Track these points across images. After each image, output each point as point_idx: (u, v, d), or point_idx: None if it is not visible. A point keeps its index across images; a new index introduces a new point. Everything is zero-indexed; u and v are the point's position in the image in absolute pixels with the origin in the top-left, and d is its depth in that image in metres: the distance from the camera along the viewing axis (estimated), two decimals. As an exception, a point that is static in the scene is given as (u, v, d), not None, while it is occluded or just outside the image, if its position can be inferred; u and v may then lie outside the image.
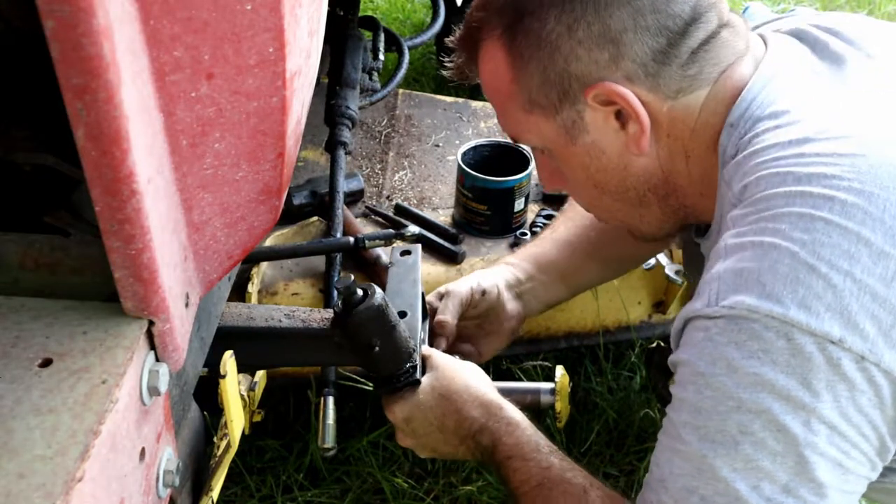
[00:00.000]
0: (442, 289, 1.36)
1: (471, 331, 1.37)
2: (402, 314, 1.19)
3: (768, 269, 0.79)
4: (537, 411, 1.59)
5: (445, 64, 1.09)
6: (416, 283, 1.27)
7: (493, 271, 1.40)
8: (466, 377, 1.15)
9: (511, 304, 1.37)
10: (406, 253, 1.34)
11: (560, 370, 1.29)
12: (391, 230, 1.59)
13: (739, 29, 0.97)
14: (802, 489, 0.80)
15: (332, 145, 1.67)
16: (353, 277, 1.03)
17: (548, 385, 1.28)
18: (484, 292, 1.34)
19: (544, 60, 0.95)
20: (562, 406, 1.26)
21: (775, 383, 0.78)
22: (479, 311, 1.35)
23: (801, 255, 0.78)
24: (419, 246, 1.37)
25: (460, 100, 2.27)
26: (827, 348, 0.77)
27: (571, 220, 1.45)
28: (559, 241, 1.42)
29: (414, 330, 1.18)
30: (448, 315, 1.30)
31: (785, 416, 0.79)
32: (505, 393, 1.26)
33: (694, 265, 1.29)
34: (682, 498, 0.84)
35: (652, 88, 0.93)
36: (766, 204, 0.83)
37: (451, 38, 1.07)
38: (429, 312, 1.33)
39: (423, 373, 1.17)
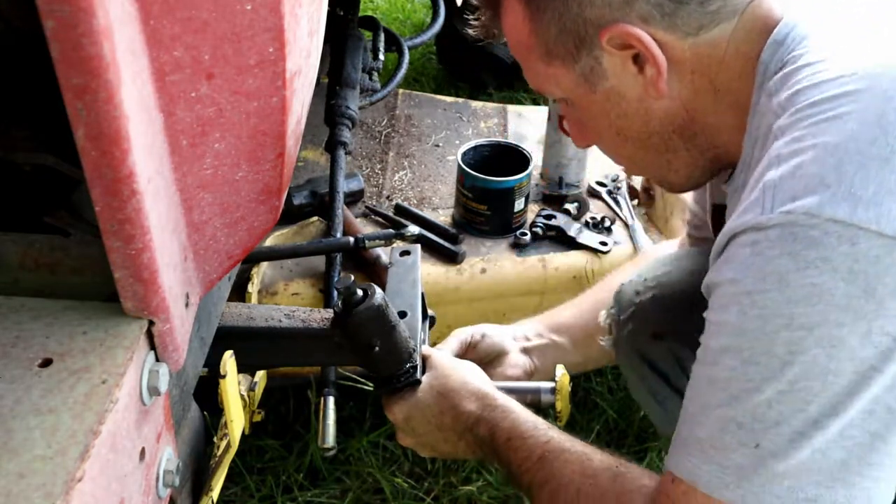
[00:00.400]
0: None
1: None
2: (402, 314, 1.19)
3: (833, 168, 0.72)
4: (538, 411, 1.59)
5: (470, 22, 1.06)
6: (416, 284, 1.27)
7: (504, 325, 1.38)
8: (463, 374, 1.15)
9: (515, 355, 1.36)
10: (405, 253, 1.34)
11: (560, 369, 1.29)
12: (391, 230, 1.59)
13: None
14: (852, 409, 0.73)
15: (332, 145, 1.68)
16: (352, 277, 1.03)
17: (548, 384, 1.28)
18: (483, 335, 1.33)
19: (559, 8, 0.93)
20: (562, 405, 1.26)
21: (834, 292, 0.72)
22: (479, 355, 1.34)
23: (871, 150, 0.71)
24: (418, 246, 1.37)
25: (460, 100, 2.28)
26: None
27: (598, 289, 1.43)
28: (579, 305, 1.40)
29: (414, 330, 1.18)
30: (446, 349, 1.30)
31: (841, 328, 0.72)
32: (505, 392, 1.26)
33: (630, 369, 1.28)
34: (717, 429, 0.79)
35: (669, 28, 0.90)
36: (827, 105, 0.76)
37: None
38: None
39: (424, 372, 1.17)
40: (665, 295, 1.24)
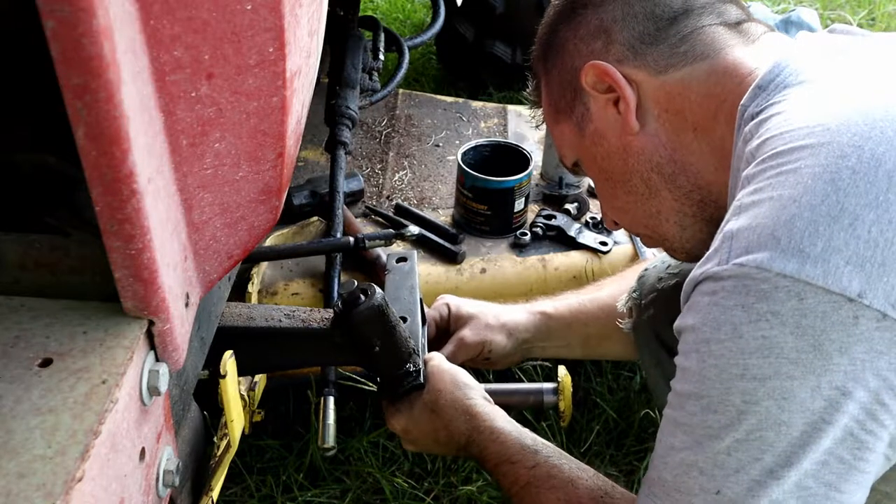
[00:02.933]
0: (464, 310, 1.36)
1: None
2: (403, 320, 1.19)
3: (785, 223, 0.74)
4: (540, 411, 1.58)
5: (529, 94, 1.17)
6: (414, 290, 1.27)
7: (514, 324, 1.38)
8: (453, 390, 1.16)
9: (513, 354, 1.38)
10: (402, 259, 1.34)
11: (562, 370, 1.29)
12: (391, 230, 1.59)
13: (744, 33, 0.98)
14: (806, 461, 0.75)
15: (332, 145, 1.67)
16: (355, 283, 1.04)
17: (550, 385, 1.28)
18: (488, 358, 1.35)
19: (558, 65, 1.04)
20: (565, 406, 1.27)
21: (784, 346, 0.73)
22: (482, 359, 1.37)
23: (822, 207, 0.73)
24: (415, 252, 1.37)
25: (460, 100, 2.28)
26: (842, 307, 0.71)
27: (617, 282, 1.44)
28: (598, 301, 1.40)
29: (415, 335, 1.18)
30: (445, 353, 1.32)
31: (792, 381, 0.74)
32: (508, 394, 1.26)
33: (648, 353, 1.29)
34: (681, 472, 0.81)
35: (641, 66, 0.97)
36: (788, 157, 0.78)
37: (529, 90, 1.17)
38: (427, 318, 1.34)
39: (426, 377, 1.17)
40: None
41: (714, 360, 0.78)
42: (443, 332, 1.38)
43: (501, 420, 1.12)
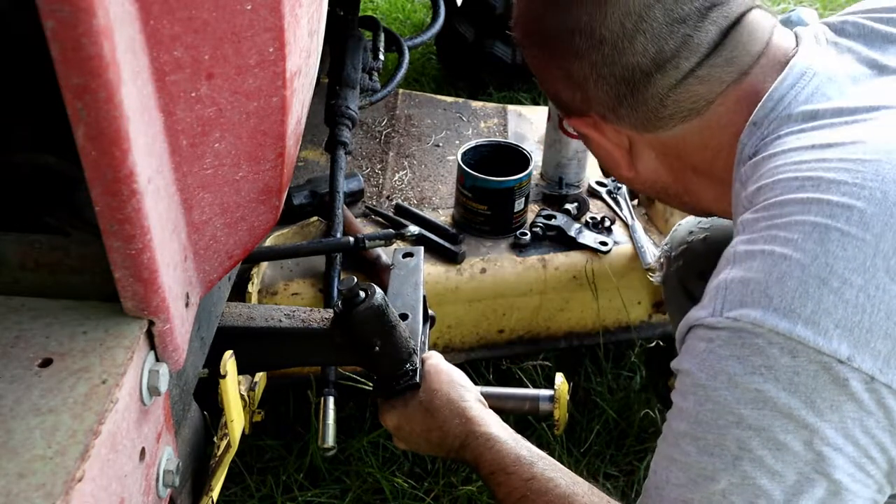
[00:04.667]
0: None
1: None
2: (404, 317, 1.19)
3: (776, 281, 0.76)
4: (536, 418, 1.58)
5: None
6: (418, 286, 1.27)
7: None
8: (449, 391, 1.15)
9: None
10: (408, 255, 1.34)
11: (560, 378, 1.28)
12: (391, 230, 1.59)
13: (744, 42, 0.90)
14: None
15: (332, 145, 1.68)
16: (355, 279, 1.03)
17: (547, 392, 1.27)
18: None
19: (546, 83, 1.00)
20: (560, 414, 1.26)
21: (777, 401, 0.76)
22: None
23: (811, 268, 0.75)
24: (421, 248, 1.37)
25: (460, 100, 2.28)
26: (833, 367, 0.74)
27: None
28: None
29: (415, 333, 1.18)
30: None
31: (786, 434, 0.76)
32: (504, 399, 1.26)
33: (675, 304, 1.30)
34: None
35: (628, 125, 0.95)
36: (780, 210, 0.80)
37: None
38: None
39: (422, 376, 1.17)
40: (717, 238, 1.28)
41: (711, 405, 0.80)
42: None
43: (497, 426, 1.12)
